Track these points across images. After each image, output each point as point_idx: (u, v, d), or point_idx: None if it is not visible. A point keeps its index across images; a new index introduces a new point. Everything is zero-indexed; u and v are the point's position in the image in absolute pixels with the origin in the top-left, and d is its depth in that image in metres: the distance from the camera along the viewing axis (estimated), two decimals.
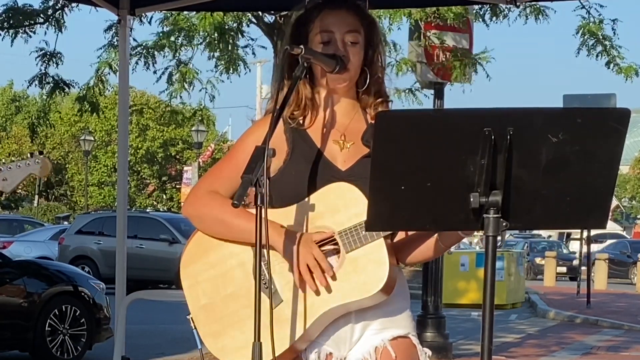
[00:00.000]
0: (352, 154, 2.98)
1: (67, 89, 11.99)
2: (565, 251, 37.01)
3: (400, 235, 2.99)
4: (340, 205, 2.87)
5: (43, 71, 11.59)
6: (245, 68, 12.28)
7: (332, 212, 2.89)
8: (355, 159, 2.96)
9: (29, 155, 4.17)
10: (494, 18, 12.03)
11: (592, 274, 24.17)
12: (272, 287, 2.89)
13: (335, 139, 3.00)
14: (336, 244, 2.88)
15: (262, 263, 2.80)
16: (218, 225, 2.96)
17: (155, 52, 11.89)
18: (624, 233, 48.97)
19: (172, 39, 11.86)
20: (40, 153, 4.19)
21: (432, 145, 2.51)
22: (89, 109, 12.17)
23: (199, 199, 3.03)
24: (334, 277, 2.85)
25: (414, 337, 3.00)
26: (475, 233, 2.72)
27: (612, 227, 47.58)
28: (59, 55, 11.59)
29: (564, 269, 33.90)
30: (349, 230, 2.86)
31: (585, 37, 11.63)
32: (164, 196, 55.54)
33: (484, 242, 2.55)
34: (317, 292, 2.85)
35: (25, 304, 10.71)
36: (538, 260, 34.87)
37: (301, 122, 3.02)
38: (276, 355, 2.74)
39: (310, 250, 2.85)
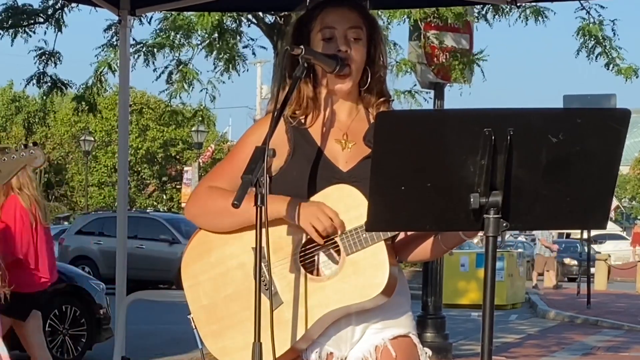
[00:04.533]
0: (353, 154, 2.97)
1: (64, 89, 11.98)
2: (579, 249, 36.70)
3: (401, 234, 2.99)
4: (341, 208, 2.86)
5: (41, 70, 11.60)
6: (244, 65, 12.26)
7: None
8: (357, 160, 2.95)
9: (22, 146, 4.14)
10: (496, 17, 12.02)
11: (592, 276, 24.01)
12: (273, 288, 2.89)
13: (337, 138, 2.99)
14: (337, 246, 2.88)
15: (263, 264, 2.80)
16: (223, 214, 2.93)
17: (155, 51, 11.87)
18: (624, 234, 48.83)
19: (171, 37, 11.84)
20: (35, 144, 4.16)
21: (433, 145, 2.51)
22: (87, 108, 12.15)
23: (200, 197, 3.02)
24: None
25: (415, 336, 3.00)
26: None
27: (611, 227, 47.46)
28: (57, 54, 11.58)
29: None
30: (349, 232, 2.86)
31: (585, 38, 11.62)
32: (164, 196, 55.48)
33: (484, 242, 2.55)
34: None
35: None
36: None
37: (302, 121, 3.01)
38: (277, 356, 2.74)
39: (317, 206, 2.83)
